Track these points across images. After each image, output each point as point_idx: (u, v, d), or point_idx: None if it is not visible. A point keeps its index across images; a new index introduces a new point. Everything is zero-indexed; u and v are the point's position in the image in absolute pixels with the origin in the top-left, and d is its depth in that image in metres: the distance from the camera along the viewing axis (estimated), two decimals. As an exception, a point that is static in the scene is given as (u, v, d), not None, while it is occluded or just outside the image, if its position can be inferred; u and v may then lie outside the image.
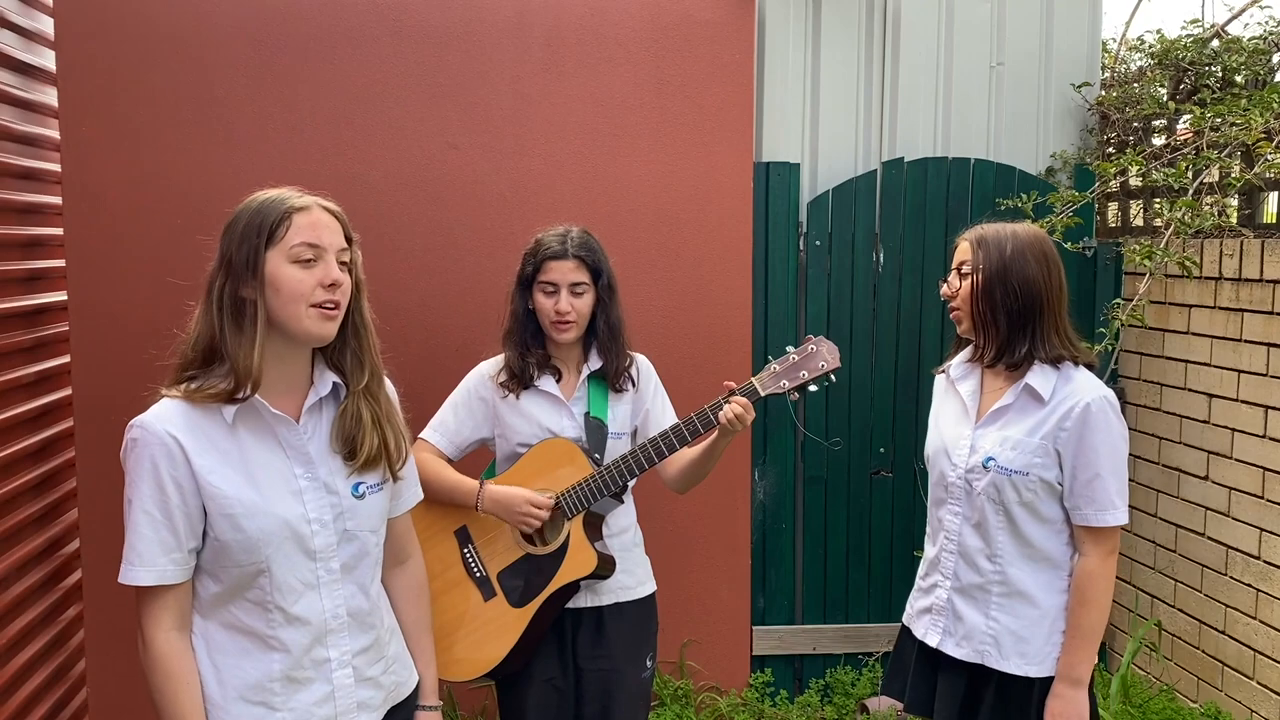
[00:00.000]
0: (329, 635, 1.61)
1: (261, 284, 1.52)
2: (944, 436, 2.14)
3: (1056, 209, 3.43)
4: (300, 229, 1.54)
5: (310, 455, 1.60)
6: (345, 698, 1.63)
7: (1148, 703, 3.33)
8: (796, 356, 2.18)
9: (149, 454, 1.50)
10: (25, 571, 2.91)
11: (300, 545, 1.57)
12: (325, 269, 1.55)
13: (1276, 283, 3.01)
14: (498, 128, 3.25)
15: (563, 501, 2.23)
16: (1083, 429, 1.95)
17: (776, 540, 3.67)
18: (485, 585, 2.26)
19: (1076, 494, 1.98)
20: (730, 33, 3.33)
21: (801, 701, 3.59)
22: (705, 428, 2.16)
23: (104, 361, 3.05)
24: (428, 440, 2.35)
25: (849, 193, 3.65)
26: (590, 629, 2.30)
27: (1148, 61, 3.99)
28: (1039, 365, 2.02)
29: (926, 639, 2.13)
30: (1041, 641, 2.02)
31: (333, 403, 1.66)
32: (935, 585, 2.14)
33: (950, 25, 3.79)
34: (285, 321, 1.54)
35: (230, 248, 1.54)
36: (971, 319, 2.07)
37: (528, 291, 2.29)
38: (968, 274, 2.05)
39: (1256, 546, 3.11)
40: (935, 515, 2.17)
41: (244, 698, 1.56)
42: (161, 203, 3.08)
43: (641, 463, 2.20)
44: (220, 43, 3.09)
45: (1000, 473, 2.01)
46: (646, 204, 3.33)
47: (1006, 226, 2.09)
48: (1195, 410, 3.37)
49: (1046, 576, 2.04)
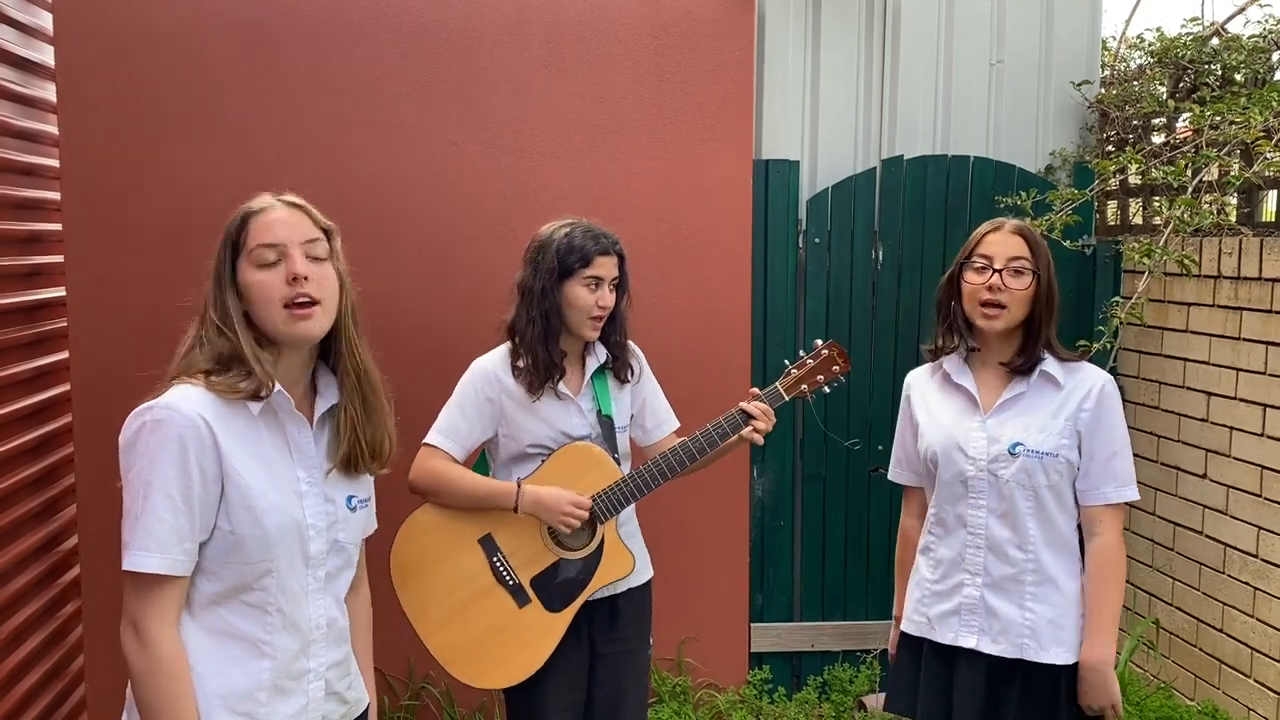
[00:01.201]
0: (311, 645, 1.58)
1: (238, 294, 1.52)
2: (950, 432, 2.11)
3: (1056, 207, 3.43)
4: (255, 231, 1.51)
5: (315, 461, 1.59)
6: (315, 710, 1.60)
7: (1145, 700, 3.33)
8: (811, 361, 2.35)
9: (176, 435, 1.43)
10: (24, 567, 2.91)
11: (301, 549, 1.55)
12: (290, 266, 1.50)
13: (1275, 281, 3.01)
14: (497, 125, 3.25)
15: (596, 507, 2.25)
16: (1100, 409, 2.04)
17: (775, 537, 3.67)
18: (519, 593, 2.25)
19: (1095, 473, 2.04)
20: (730, 29, 3.33)
21: (799, 699, 3.59)
22: (733, 431, 2.29)
23: (103, 357, 3.05)
24: (440, 447, 2.27)
25: (848, 190, 3.65)
26: (605, 616, 2.35)
27: (1147, 59, 3.99)
28: (1049, 358, 2.08)
29: (959, 642, 2.09)
30: (1072, 628, 2.05)
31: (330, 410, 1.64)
32: (961, 585, 2.10)
33: (950, 23, 3.79)
34: (265, 326, 1.52)
35: (215, 261, 1.54)
36: (1023, 319, 2.05)
37: (560, 286, 2.26)
38: (1024, 272, 2.02)
39: (1254, 544, 3.11)
40: (949, 514, 2.13)
41: (229, 708, 1.50)
42: (160, 198, 3.08)
43: (674, 466, 2.28)
44: (219, 38, 3.09)
45: (1030, 456, 2.03)
46: (646, 201, 3.33)
47: (1029, 226, 2.12)
48: (1194, 408, 3.38)
49: (1066, 561, 2.08)
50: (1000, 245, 2.04)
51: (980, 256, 2.06)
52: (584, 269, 2.24)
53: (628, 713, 2.38)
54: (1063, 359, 2.09)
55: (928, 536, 2.20)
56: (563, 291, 2.25)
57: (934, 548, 2.17)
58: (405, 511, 2.29)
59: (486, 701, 3.34)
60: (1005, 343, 2.09)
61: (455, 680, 2.25)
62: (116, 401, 3.00)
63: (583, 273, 2.24)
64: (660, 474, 2.27)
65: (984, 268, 2.04)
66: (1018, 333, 2.07)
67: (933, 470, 2.15)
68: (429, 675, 3.29)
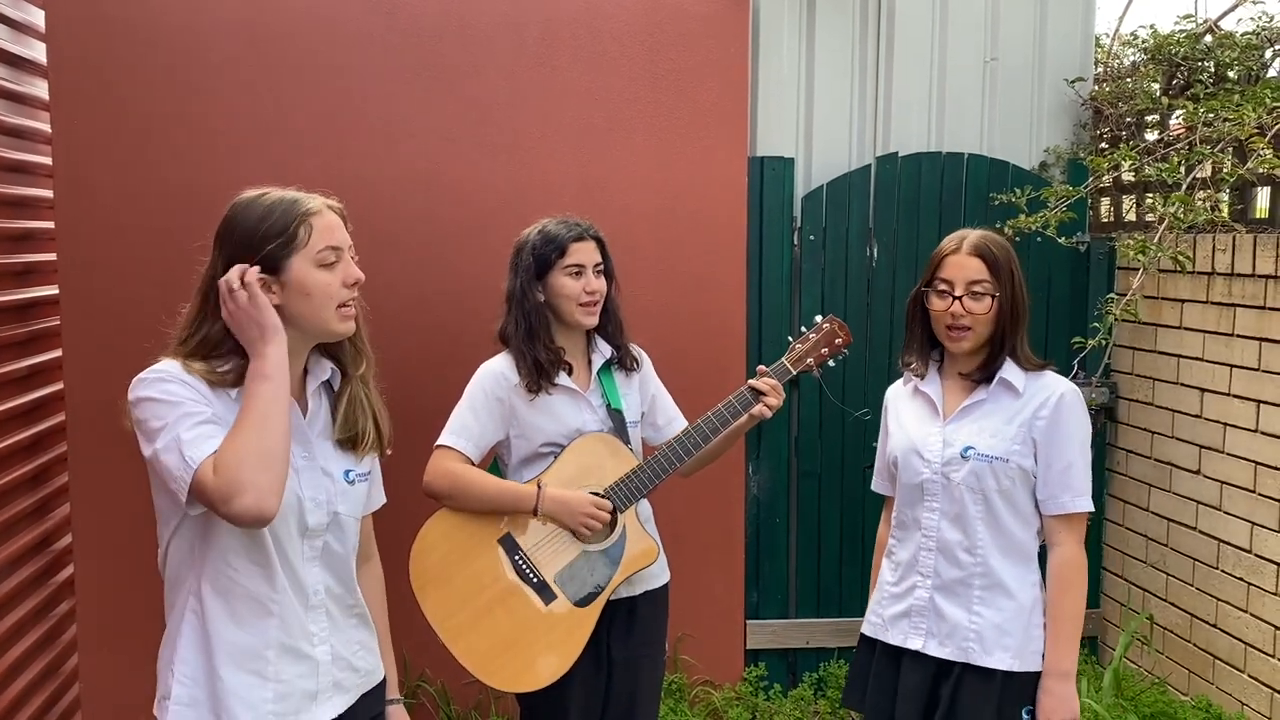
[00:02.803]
0: (311, 611, 1.64)
1: (284, 288, 1.56)
2: (911, 436, 2.15)
3: (1050, 204, 3.43)
4: (322, 232, 1.59)
5: (309, 438, 1.65)
6: (324, 674, 1.66)
7: (1139, 696, 3.34)
8: (814, 335, 2.39)
9: (177, 378, 1.52)
10: (17, 566, 2.90)
11: (298, 518, 1.61)
12: (346, 268, 1.61)
13: (1268, 278, 3.02)
14: (492, 122, 3.24)
15: (615, 497, 2.24)
16: (1058, 417, 2.04)
17: (771, 534, 3.67)
18: (544, 590, 2.22)
19: (1052, 482, 2.04)
20: (725, 27, 3.33)
21: (795, 695, 3.60)
22: (744, 409, 2.30)
23: (96, 355, 3.03)
24: (454, 448, 2.24)
25: (843, 187, 3.65)
26: (623, 620, 2.33)
27: (1141, 56, 3.99)
28: (1009, 365, 2.08)
29: (906, 644, 2.12)
30: (1021, 634, 2.05)
31: (327, 389, 1.71)
32: (913, 587, 2.13)
33: (944, 20, 3.79)
34: (312, 323, 1.59)
35: (239, 251, 1.56)
36: (988, 338, 2.07)
37: (540, 282, 2.27)
38: (983, 295, 2.03)
39: (1248, 540, 3.12)
40: (908, 517, 2.17)
41: (236, 664, 1.56)
42: (153, 196, 3.06)
43: (689, 448, 2.28)
44: (212, 34, 3.07)
45: (980, 460, 2.04)
46: (641, 198, 3.33)
47: (992, 236, 2.10)
48: (1187, 405, 3.39)
49: (1020, 569, 2.08)
50: (959, 269, 2.05)
51: (941, 280, 2.07)
52: (562, 258, 2.25)
53: (639, 718, 2.37)
54: (1026, 367, 2.09)
55: (891, 540, 2.24)
56: (547, 286, 2.27)
57: (895, 551, 2.22)
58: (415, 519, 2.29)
59: (483, 700, 3.33)
60: (970, 357, 2.12)
61: (456, 681, 2.24)
62: (110, 399, 3.00)
63: (562, 262, 2.25)
64: (676, 457, 2.26)
65: (945, 293, 2.06)
66: (984, 347, 2.09)
67: (894, 474, 2.20)
68: (425, 673, 3.28)
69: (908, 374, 2.23)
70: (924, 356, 2.19)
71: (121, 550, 3.03)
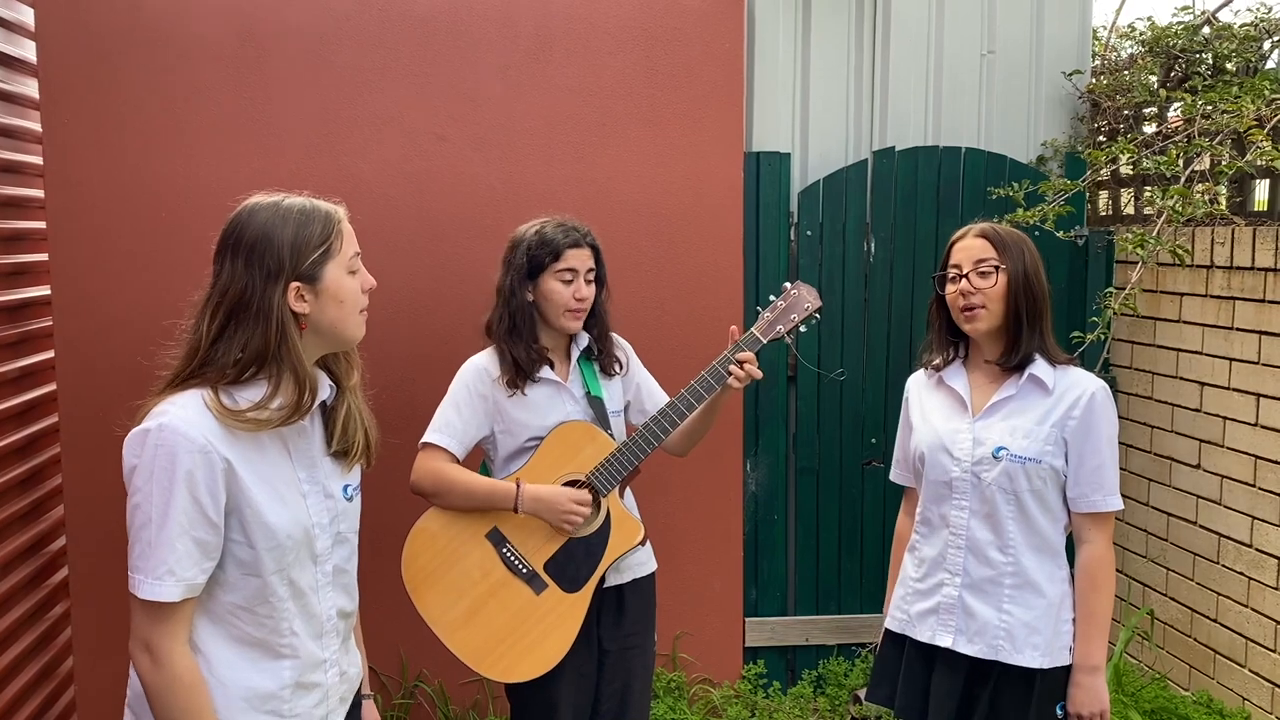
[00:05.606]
0: (324, 637, 1.62)
1: (317, 296, 1.53)
2: (939, 432, 2.14)
3: (1048, 197, 3.42)
4: (349, 239, 1.59)
5: (314, 459, 1.61)
6: (333, 695, 1.65)
7: (1140, 691, 3.33)
8: (783, 303, 2.34)
9: (184, 460, 1.42)
10: (11, 569, 2.89)
11: (309, 549, 1.58)
12: (363, 275, 1.62)
13: (1267, 270, 3.01)
14: (486, 118, 3.22)
15: (596, 481, 2.25)
16: (1090, 416, 2.03)
17: (769, 532, 3.66)
18: (534, 580, 2.25)
19: (1083, 481, 2.04)
20: (720, 21, 3.31)
21: (794, 693, 3.59)
22: (718, 383, 2.26)
23: (88, 356, 3.02)
24: (439, 445, 2.25)
25: (840, 182, 3.63)
26: (612, 609, 2.36)
27: (1138, 49, 3.97)
28: (1039, 360, 2.07)
29: (936, 641, 2.11)
30: (1050, 632, 2.05)
31: (320, 404, 1.66)
32: (941, 584, 2.12)
33: (941, 13, 3.77)
34: (340, 329, 1.58)
35: (278, 264, 1.49)
36: (1004, 316, 2.06)
37: (530, 282, 2.28)
38: (990, 271, 2.04)
39: (1248, 534, 3.11)
40: (934, 513, 2.15)
41: (254, 708, 1.53)
42: (145, 196, 3.04)
43: (665, 426, 2.26)
44: (203, 32, 3.05)
45: (1013, 461, 2.03)
46: (637, 194, 3.31)
47: (1006, 227, 2.13)
48: (1187, 398, 3.37)
49: (1050, 567, 2.08)
50: (965, 251, 2.08)
51: (951, 267, 2.10)
52: (555, 262, 2.25)
53: (633, 708, 2.40)
54: (1055, 362, 2.08)
55: (915, 535, 2.23)
56: (537, 287, 2.28)
57: (919, 546, 2.20)
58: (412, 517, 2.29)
59: (480, 699, 3.32)
60: (993, 341, 2.11)
61: (454, 680, 2.23)
62: (102, 401, 3.00)
63: (554, 266, 2.25)
64: (654, 436, 2.26)
65: (955, 276, 2.09)
66: (1003, 330, 2.08)
67: (920, 470, 2.19)
68: (423, 673, 3.27)
69: (928, 369, 2.23)
70: (943, 347, 2.19)
71: (116, 552, 2.99)
